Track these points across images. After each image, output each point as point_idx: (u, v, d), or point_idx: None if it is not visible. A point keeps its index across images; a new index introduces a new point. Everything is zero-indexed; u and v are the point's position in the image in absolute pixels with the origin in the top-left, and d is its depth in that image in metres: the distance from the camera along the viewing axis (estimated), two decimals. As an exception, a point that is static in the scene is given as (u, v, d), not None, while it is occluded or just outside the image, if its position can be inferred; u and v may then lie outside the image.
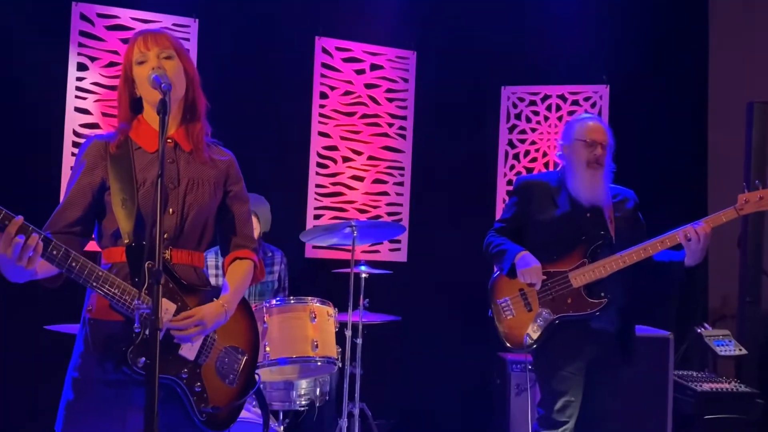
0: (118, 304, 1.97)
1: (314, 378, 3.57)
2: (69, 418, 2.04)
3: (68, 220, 2.09)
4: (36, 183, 4.30)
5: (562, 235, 3.17)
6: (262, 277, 2.36)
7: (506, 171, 5.34)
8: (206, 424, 2.11)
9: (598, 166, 3.18)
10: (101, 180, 2.10)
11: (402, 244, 5.17)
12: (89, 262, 1.94)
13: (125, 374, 1.97)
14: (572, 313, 3.11)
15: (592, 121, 3.26)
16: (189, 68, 2.18)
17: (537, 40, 5.26)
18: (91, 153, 2.13)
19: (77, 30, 4.48)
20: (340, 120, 5.12)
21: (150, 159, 2.12)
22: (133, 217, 2.03)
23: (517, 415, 4.21)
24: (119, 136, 2.15)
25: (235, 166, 2.32)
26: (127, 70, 2.16)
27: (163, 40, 2.14)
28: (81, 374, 2.05)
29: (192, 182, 2.15)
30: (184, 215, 2.12)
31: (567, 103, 5.29)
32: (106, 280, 1.95)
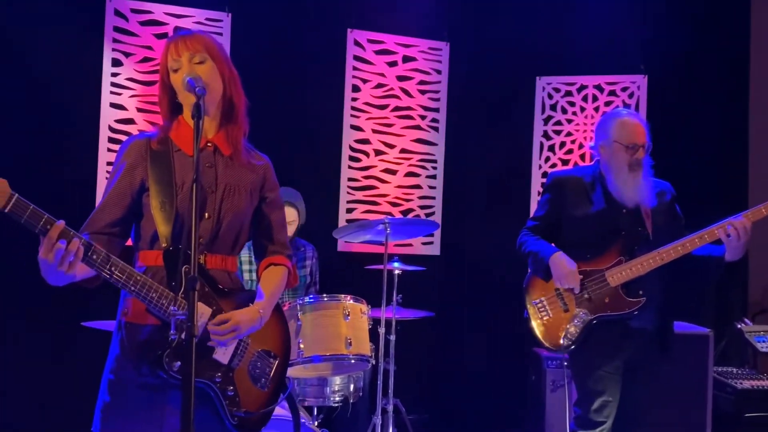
0: (155, 308, 1.98)
1: (348, 374, 3.57)
2: (105, 420, 2.06)
3: (107, 220, 2.08)
4: (72, 179, 4.35)
5: (598, 232, 3.10)
6: (295, 283, 2.36)
7: (541, 163, 5.26)
8: (238, 427, 2.12)
9: (639, 168, 3.11)
10: (141, 181, 2.10)
11: (435, 237, 5.14)
12: (128, 267, 1.95)
13: (161, 378, 1.98)
14: (610, 312, 3.05)
15: (630, 120, 3.15)
16: (225, 69, 2.15)
17: (573, 29, 5.17)
18: (131, 153, 2.13)
19: (111, 26, 4.51)
20: (372, 113, 5.09)
21: (189, 162, 2.11)
22: (172, 221, 2.03)
23: (552, 412, 4.17)
24: (161, 134, 2.15)
25: (272, 171, 2.31)
26: (164, 77, 2.15)
27: (194, 43, 2.11)
28: (116, 376, 2.07)
29: (229, 188, 2.15)
30: (219, 220, 2.12)
31: (604, 94, 5.19)
32: (144, 284, 1.96)
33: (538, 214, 3.30)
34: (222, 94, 2.16)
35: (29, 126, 4.29)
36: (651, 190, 3.14)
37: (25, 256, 2.21)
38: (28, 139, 4.28)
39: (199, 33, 2.18)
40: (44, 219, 1.80)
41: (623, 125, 3.12)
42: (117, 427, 2.04)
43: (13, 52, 4.22)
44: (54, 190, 4.03)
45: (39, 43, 4.26)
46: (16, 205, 1.76)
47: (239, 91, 2.20)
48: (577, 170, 3.34)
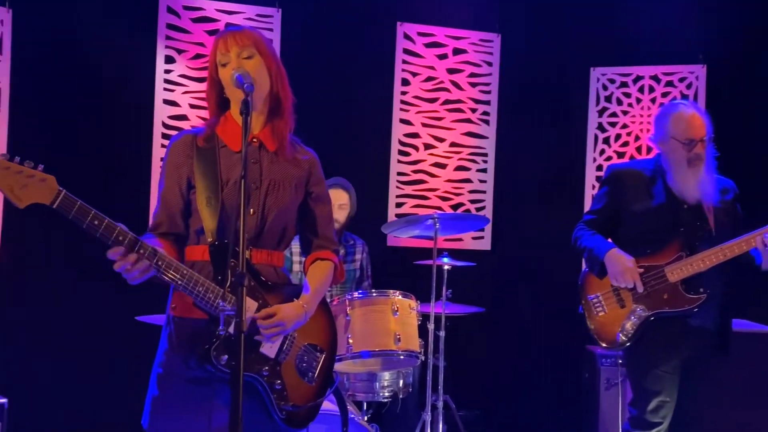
0: (202, 302, 1.99)
1: (397, 370, 3.55)
2: (154, 413, 2.09)
3: (168, 220, 2.14)
4: (127, 174, 4.44)
5: (658, 227, 3.02)
6: (341, 279, 2.35)
7: (596, 156, 5.15)
8: (286, 421, 2.12)
9: (700, 162, 3.00)
10: (187, 178, 2.13)
11: (486, 232, 5.08)
12: (174, 261, 1.97)
13: (208, 372, 2.00)
14: (668, 309, 2.97)
15: (686, 114, 3.04)
16: (272, 65, 2.15)
17: (628, 18, 5.03)
18: (177, 149, 2.16)
19: (164, 23, 4.58)
20: (421, 107, 5.05)
21: (235, 158, 2.12)
22: (217, 216, 2.05)
23: (606, 411, 4.08)
24: (207, 130, 2.17)
25: (318, 166, 2.30)
26: (212, 73, 2.16)
27: (243, 38, 2.12)
28: (165, 370, 2.09)
29: (273, 183, 2.15)
30: (264, 216, 2.13)
31: (660, 84, 5.05)
32: (191, 278, 1.97)
33: (595, 208, 3.23)
34: (269, 89, 2.16)
35: (84, 123, 4.39)
36: (714, 185, 3.05)
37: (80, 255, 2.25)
38: (84, 136, 4.38)
39: (248, 29, 2.19)
40: (91, 215, 1.83)
41: (679, 120, 3.03)
42: (165, 420, 2.06)
43: (67, 50, 4.31)
44: (109, 187, 4.13)
45: (93, 42, 4.35)
46: (64, 201, 1.80)
47: (286, 87, 2.20)
48: (637, 163, 3.27)
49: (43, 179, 1.78)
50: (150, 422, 2.09)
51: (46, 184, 1.78)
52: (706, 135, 3.02)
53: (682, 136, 2.99)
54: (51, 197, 1.79)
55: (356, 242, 4.23)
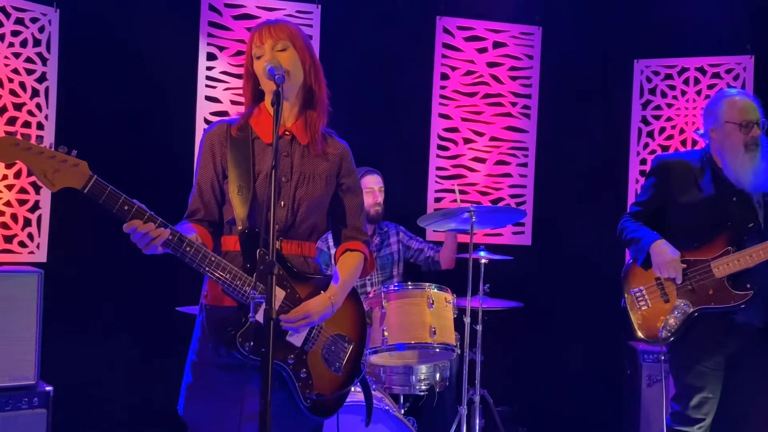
0: (230, 289, 2.02)
1: (434, 363, 3.54)
2: (189, 400, 2.13)
3: (203, 207, 2.17)
4: (170, 170, 4.51)
5: (706, 220, 2.97)
6: (371, 270, 2.36)
7: (639, 150, 5.05)
8: (311, 410, 2.14)
9: (756, 147, 2.93)
10: (222, 167, 2.16)
11: (526, 227, 5.03)
12: (203, 247, 2.01)
13: (237, 359, 2.03)
14: (714, 305, 2.92)
15: (740, 98, 3.00)
16: (306, 58, 2.17)
17: (672, 8, 4.91)
18: (211, 138, 2.20)
19: (206, 21, 4.65)
20: (461, 101, 5.03)
21: (267, 150, 2.15)
22: (248, 205, 2.08)
23: (648, 408, 4.01)
24: (241, 120, 2.20)
25: (349, 157, 2.31)
26: (248, 65, 2.19)
27: (278, 31, 2.14)
28: (199, 358, 2.14)
29: (304, 176, 2.17)
30: (294, 208, 2.15)
31: (706, 76, 4.92)
32: (219, 264, 2.00)
33: (641, 199, 3.19)
34: (302, 82, 2.18)
35: (127, 119, 4.48)
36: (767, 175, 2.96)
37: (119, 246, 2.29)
38: (127, 132, 4.47)
39: (284, 21, 2.20)
40: (121, 200, 1.88)
41: (733, 104, 2.98)
42: (200, 407, 2.11)
43: (112, 49, 4.40)
44: (152, 182, 4.20)
45: (137, 40, 4.43)
46: (95, 186, 1.85)
47: (321, 80, 2.22)
48: (685, 154, 3.20)
49: (75, 164, 1.83)
50: (185, 408, 2.14)
51: (78, 170, 1.83)
52: (762, 118, 2.96)
53: (737, 118, 2.94)
54: (83, 182, 1.84)
55: (389, 228, 4.29)
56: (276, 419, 2.01)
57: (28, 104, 4.17)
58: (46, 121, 4.22)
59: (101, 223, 4.04)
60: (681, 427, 2.97)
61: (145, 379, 4.26)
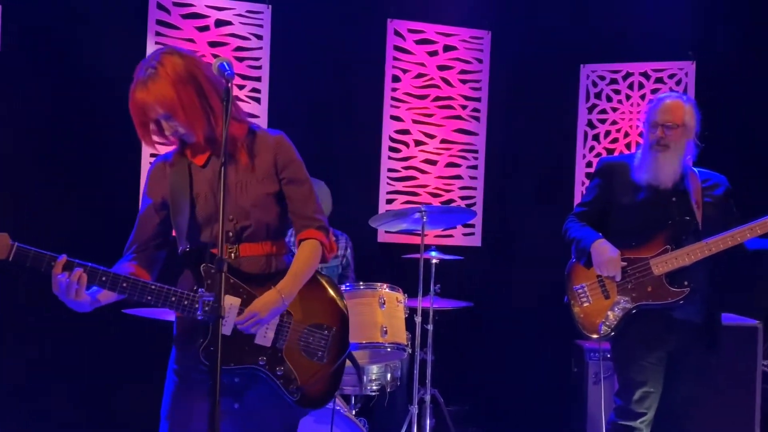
0: (180, 310, 2.06)
1: (385, 364, 3.56)
2: (173, 405, 2.17)
3: (145, 237, 2.22)
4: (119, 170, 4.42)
5: (646, 219, 3.05)
6: (333, 252, 2.31)
7: (585, 152, 5.17)
8: (300, 403, 2.15)
9: (660, 147, 3.02)
10: (161, 200, 2.20)
11: (476, 228, 5.10)
12: (140, 281, 2.04)
13: (206, 366, 2.05)
14: (652, 302, 2.99)
15: (665, 100, 3.09)
16: (187, 103, 2.05)
17: (617, 15, 5.04)
18: (152, 173, 2.24)
19: (154, 19, 4.58)
20: (412, 103, 5.07)
21: (203, 174, 2.18)
22: (188, 227, 2.12)
23: (594, 404, 4.09)
24: (176, 155, 2.23)
25: (283, 148, 2.24)
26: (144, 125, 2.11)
27: (151, 106, 2.03)
28: (176, 364, 2.20)
29: (240, 185, 2.16)
30: (244, 217, 2.16)
31: (650, 81, 5.07)
32: (160, 292, 2.04)
33: (586, 200, 3.26)
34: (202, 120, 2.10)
35: (74, 119, 4.38)
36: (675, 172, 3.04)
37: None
38: (75, 133, 4.37)
39: (148, 82, 2.05)
40: (47, 258, 1.95)
41: (654, 105, 3.10)
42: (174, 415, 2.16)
43: (57, 45, 4.31)
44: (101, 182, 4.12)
45: (83, 37, 4.34)
46: (18, 254, 1.93)
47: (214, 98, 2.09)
48: (628, 157, 3.28)
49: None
50: (165, 415, 2.18)
51: None
52: (681, 121, 3.02)
53: (651, 119, 3.06)
54: (5, 253, 1.92)
55: (339, 238, 4.22)
56: (250, 416, 2.09)
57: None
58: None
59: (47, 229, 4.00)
60: (624, 422, 3.03)
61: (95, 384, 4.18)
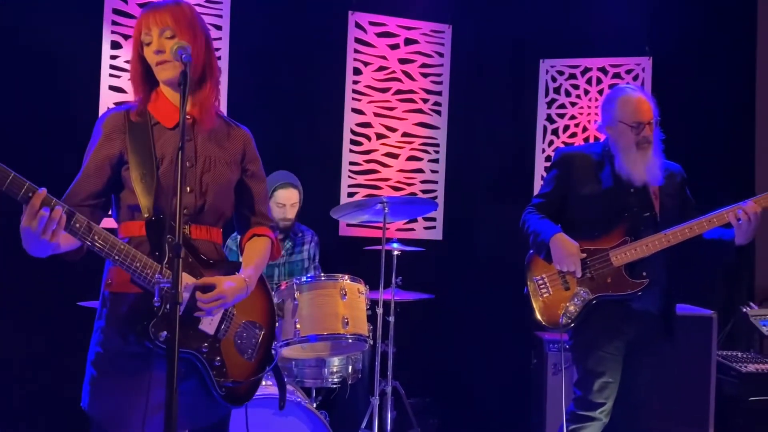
0: (140, 278, 1.96)
1: (346, 356, 3.54)
2: (93, 393, 2.04)
3: (88, 191, 2.06)
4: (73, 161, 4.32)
5: (604, 211, 3.05)
6: (278, 255, 2.35)
7: (545, 147, 5.22)
8: (226, 398, 2.12)
9: (648, 145, 3.04)
10: (119, 153, 2.08)
11: (437, 221, 5.11)
12: (111, 236, 1.94)
13: (146, 347, 1.97)
14: (612, 293, 3.01)
15: (633, 97, 3.07)
16: (192, 39, 2.07)
17: (576, 11, 5.11)
18: (109, 124, 2.10)
19: (110, 8, 4.49)
20: (374, 96, 5.05)
21: (168, 135, 2.10)
22: (153, 193, 2.02)
23: (553, 396, 4.13)
24: (140, 106, 2.12)
25: (252, 144, 2.29)
26: (136, 51, 2.12)
27: (162, 17, 2.06)
28: (103, 348, 2.05)
29: (209, 161, 2.14)
30: (202, 193, 2.11)
31: (608, 76, 5.14)
32: (128, 253, 1.94)
33: (544, 191, 3.24)
34: (202, 59, 2.11)
35: (28, 110, 4.28)
36: (660, 168, 3.08)
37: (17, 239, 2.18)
38: (29, 123, 4.26)
39: (170, 4, 2.10)
40: (26, 186, 1.78)
41: (626, 103, 3.05)
42: (105, 398, 2.02)
43: (8, 33, 4.20)
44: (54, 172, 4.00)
45: (37, 27, 4.24)
46: None
47: (212, 59, 2.15)
48: (586, 147, 3.28)
49: None
50: (90, 403, 2.04)
51: None
52: (654, 118, 3.04)
53: (629, 119, 3.02)
54: None
55: (305, 233, 4.17)
56: (185, 408, 1.97)
57: None
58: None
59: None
60: (583, 412, 3.04)
61: (48, 379, 4.08)
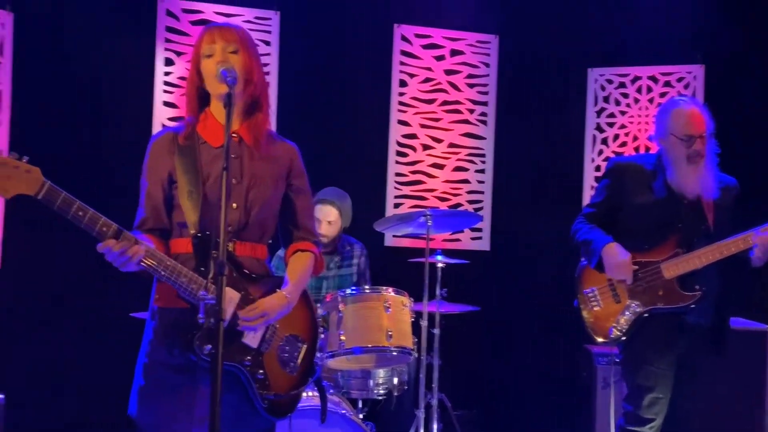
0: (185, 293, 2.02)
1: (391, 367, 3.55)
2: (141, 402, 2.12)
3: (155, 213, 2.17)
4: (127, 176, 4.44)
5: (657, 222, 3.02)
6: (321, 270, 2.38)
7: (594, 156, 5.15)
8: (268, 410, 2.16)
9: (700, 159, 2.98)
10: (168, 174, 2.16)
11: (484, 232, 5.08)
12: (158, 253, 2.01)
13: (191, 361, 2.03)
14: (663, 305, 2.96)
15: (685, 110, 3.02)
16: (253, 62, 2.18)
17: (625, 18, 5.03)
18: (158, 145, 2.20)
19: (164, 26, 4.62)
20: (419, 108, 5.07)
21: (215, 153, 2.16)
22: (199, 209, 2.09)
23: (603, 410, 4.06)
24: (187, 128, 2.20)
25: (298, 158, 2.33)
26: (195, 64, 2.20)
27: (230, 33, 2.16)
28: (150, 360, 2.13)
29: (255, 178, 2.19)
30: (247, 210, 2.17)
31: (659, 85, 5.04)
32: (174, 269, 2.01)
33: (595, 201, 3.22)
34: (249, 86, 2.18)
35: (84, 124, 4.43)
36: (714, 181, 3.02)
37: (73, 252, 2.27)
38: (83, 137, 4.41)
39: (234, 25, 2.23)
40: (76, 206, 1.87)
41: (678, 116, 3.01)
42: (151, 409, 2.09)
43: (67, 51, 4.35)
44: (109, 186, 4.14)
45: (93, 44, 4.38)
46: (49, 192, 1.84)
47: (265, 85, 2.25)
48: (639, 158, 3.26)
49: (28, 170, 1.82)
50: (137, 411, 2.12)
51: (31, 176, 1.82)
52: (706, 131, 2.99)
53: (681, 132, 2.98)
54: (36, 188, 1.82)
55: (354, 246, 4.18)
56: (229, 420, 2.01)
57: (-20, 108, 4.10)
58: (-1, 125, 4.16)
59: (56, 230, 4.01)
60: (633, 427, 3.00)
61: (99, 385, 4.20)
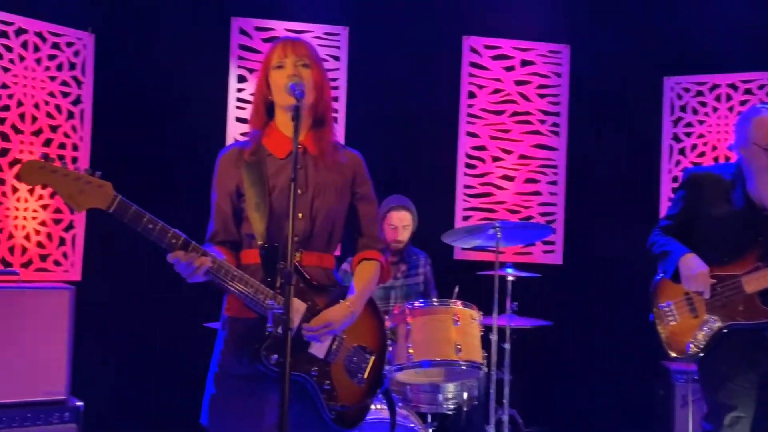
0: (252, 303, 2.05)
1: (461, 382, 3.50)
2: (212, 411, 2.15)
3: (225, 226, 2.22)
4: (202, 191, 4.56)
5: (736, 235, 2.90)
6: (388, 278, 2.38)
7: (671, 167, 4.99)
8: (336, 421, 2.16)
9: None
10: (236, 187, 2.21)
11: (557, 245, 4.99)
12: (225, 264, 2.05)
13: (259, 370, 2.05)
14: (743, 321, 2.84)
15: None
16: (321, 77, 2.22)
17: (702, 24, 4.88)
18: (225, 160, 2.25)
19: (237, 44, 4.74)
20: (488, 119, 5.03)
21: (280, 165, 2.20)
22: (266, 220, 2.12)
23: (681, 429, 3.91)
24: (253, 143, 2.24)
25: (363, 166, 2.34)
26: (264, 74, 2.24)
27: (301, 48, 2.21)
28: (221, 369, 2.16)
29: (319, 187, 2.21)
30: (312, 219, 2.19)
31: (739, 92, 4.86)
32: (241, 279, 2.04)
33: (672, 213, 3.12)
34: (315, 99, 2.22)
35: (160, 141, 4.57)
36: None
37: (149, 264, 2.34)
38: (160, 153, 4.56)
39: (305, 40, 2.27)
40: (146, 219, 1.93)
41: (760, 125, 2.90)
42: (223, 418, 2.13)
43: (144, 71, 4.52)
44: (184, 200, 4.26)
45: (169, 63, 4.53)
46: (120, 206, 1.91)
47: (329, 98, 2.29)
48: (716, 168, 3.15)
49: (100, 185, 1.89)
50: (209, 419, 2.16)
51: (102, 191, 1.89)
52: None
53: (763, 141, 2.86)
54: (107, 202, 1.89)
55: (419, 256, 4.20)
56: (297, 430, 2.02)
57: (64, 126, 4.29)
58: (81, 142, 4.34)
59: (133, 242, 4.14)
60: (713, 448, 2.89)
61: (174, 395, 4.30)
